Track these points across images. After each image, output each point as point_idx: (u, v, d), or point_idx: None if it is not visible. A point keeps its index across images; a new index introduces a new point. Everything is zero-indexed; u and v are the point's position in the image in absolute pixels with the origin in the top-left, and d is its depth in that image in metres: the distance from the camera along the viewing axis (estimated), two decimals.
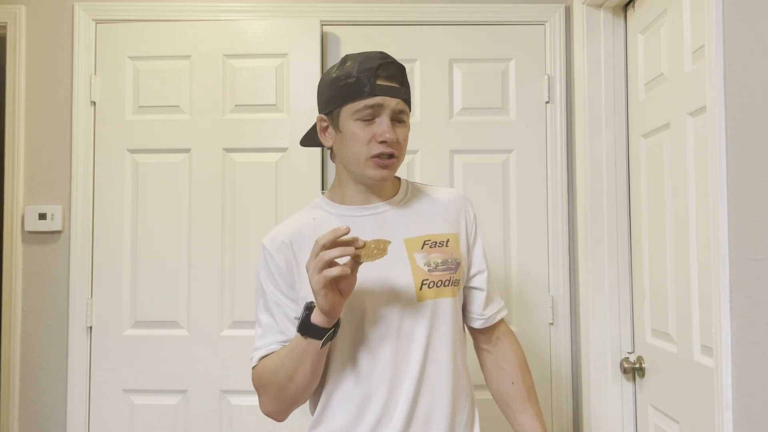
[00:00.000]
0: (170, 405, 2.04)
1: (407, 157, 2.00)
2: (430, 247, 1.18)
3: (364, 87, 1.11)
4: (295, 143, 2.07)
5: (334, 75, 1.16)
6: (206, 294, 2.06)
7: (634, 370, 1.85)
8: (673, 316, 1.62)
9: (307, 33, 2.09)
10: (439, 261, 1.17)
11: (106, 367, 2.05)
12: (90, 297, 2.07)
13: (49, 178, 2.09)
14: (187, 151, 2.09)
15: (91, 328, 2.06)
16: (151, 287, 2.06)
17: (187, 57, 2.10)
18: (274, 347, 1.17)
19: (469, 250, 1.26)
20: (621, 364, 1.87)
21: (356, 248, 1.01)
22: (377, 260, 1.03)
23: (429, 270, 1.16)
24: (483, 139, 2.12)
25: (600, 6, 1.95)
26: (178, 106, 2.10)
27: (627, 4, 1.93)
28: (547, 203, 2.10)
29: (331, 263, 0.99)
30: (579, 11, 2.00)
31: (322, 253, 0.99)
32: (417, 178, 2.08)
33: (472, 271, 1.27)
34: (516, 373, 1.28)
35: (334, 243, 1.00)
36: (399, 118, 1.15)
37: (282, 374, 1.11)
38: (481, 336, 1.32)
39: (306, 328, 1.05)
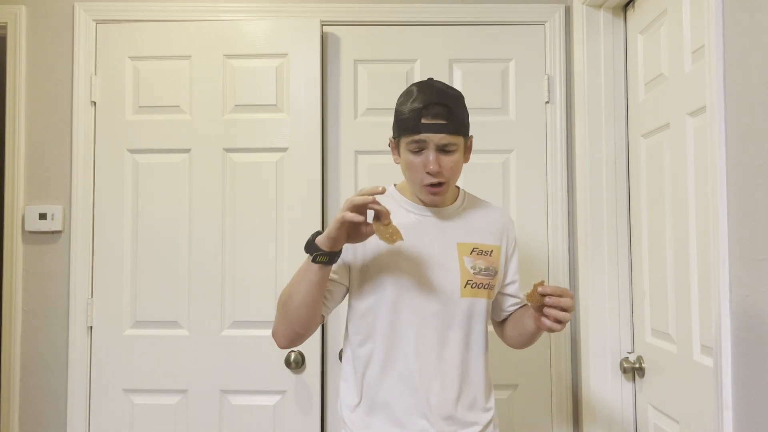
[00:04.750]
0: (170, 405, 2.04)
1: None
2: (477, 254, 1.39)
3: (412, 125, 1.31)
4: (295, 143, 2.07)
5: (397, 106, 1.36)
6: (206, 294, 2.05)
7: (633, 370, 1.85)
8: (673, 316, 1.62)
9: (307, 33, 2.09)
10: (482, 267, 1.39)
11: (106, 367, 2.05)
12: (90, 297, 2.07)
13: (49, 178, 2.09)
14: (187, 151, 2.09)
15: (91, 327, 2.06)
16: (151, 287, 2.06)
17: (187, 57, 2.10)
18: None
19: (506, 262, 1.47)
20: (621, 364, 1.87)
21: (384, 221, 1.20)
22: (425, 257, 1.34)
23: (474, 273, 1.38)
24: (483, 139, 2.11)
25: (600, 6, 1.96)
26: (178, 106, 2.10)
27: (627, 4, 1.93)
28: (547, 203, 2.10)
29: (359, 209, 1.18)
30: (579, 11, 2.00)
31: (356, 197, 1.18)
32: None
33: (507, 280, 1.49)
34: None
35: (371, 196, 1.19)
36: (445, 149, 1.32)
37: (287, 290, 1.32)
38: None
39: (309, 246, 1.25)
